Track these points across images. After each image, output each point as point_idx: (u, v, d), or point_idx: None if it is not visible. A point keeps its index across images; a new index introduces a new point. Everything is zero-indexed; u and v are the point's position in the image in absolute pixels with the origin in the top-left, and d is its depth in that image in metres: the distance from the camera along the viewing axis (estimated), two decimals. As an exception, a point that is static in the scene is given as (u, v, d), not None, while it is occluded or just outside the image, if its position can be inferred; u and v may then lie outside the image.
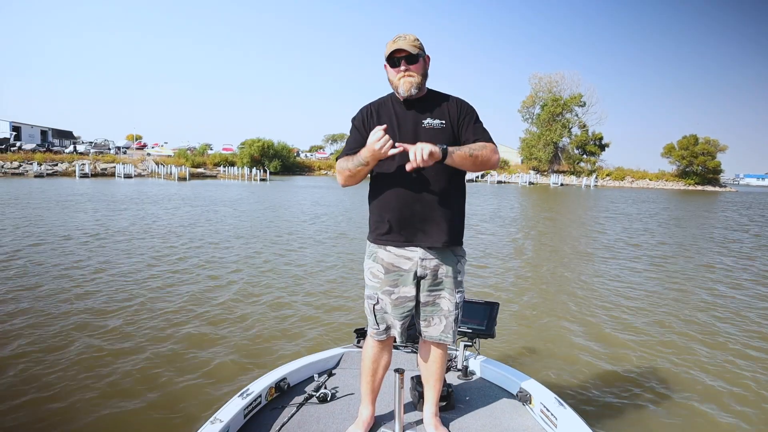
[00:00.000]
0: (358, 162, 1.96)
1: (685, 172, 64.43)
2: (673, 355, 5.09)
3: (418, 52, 1.98)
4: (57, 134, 59.52)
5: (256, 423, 2.20)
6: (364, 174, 2.02)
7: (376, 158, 1.92)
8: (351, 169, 1.99)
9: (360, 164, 1.96)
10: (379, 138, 1.86)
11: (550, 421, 2.21)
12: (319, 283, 7.52)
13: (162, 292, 6.61)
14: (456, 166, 1.97)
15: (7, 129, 48.17)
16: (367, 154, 1.91)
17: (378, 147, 1.86)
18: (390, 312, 2.11)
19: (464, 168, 2.01)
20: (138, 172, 44.25)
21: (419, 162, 1.79)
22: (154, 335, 5.03)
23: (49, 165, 40.30)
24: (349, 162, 2.00)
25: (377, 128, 1.88)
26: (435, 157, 1.83)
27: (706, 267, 9.96)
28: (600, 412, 3.85)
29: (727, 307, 6.94)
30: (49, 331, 5.04)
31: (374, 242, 2.12)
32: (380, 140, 1.85)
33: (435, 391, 2.22)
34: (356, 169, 1.98)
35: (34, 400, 3.68)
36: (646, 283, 8.33)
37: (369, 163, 1.95)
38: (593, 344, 5.33)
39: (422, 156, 1.78)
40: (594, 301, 7.06)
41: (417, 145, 1.81)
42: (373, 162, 1.95)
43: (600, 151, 66.63)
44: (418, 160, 1.79)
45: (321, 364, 2.76)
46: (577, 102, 65.19)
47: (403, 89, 2.00)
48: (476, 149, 1.96)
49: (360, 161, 1.95)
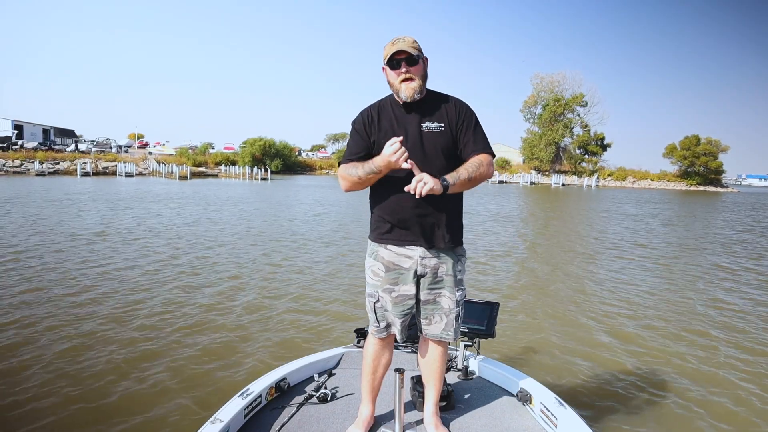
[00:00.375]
0: (370, 170, 1.98)
1: (687, 172, 64.35)
2: (673, 356, 5.09)
3: (418, 53, 2.00)
4: (59, 133, 59.60)
5: (256, 423, 2.20)
6: (374, 181, 2.04)
7: (389, 168, 1.95)
8: (361, 176, 2.00)
9: (372, 172, 1.98)
10: (396, 150, 1.89)
11: (550, 421, 2.21)
12: (320, 282, 7.53)
13: (160, 292, 6.62)
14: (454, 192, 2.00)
15: (9, 127, 48.22)
16: (381, 163, 1.94)
17: (395, 159, 1.89)
18: (390, 310, 2.13)
19: (463, 190, 2.05)
20: (140, 171, 44.27)
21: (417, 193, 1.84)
22: (153, 335, 5.04)
23: (50, 164, 40.34)
24: (359, 169, 2.01)
25: (394, 139, 1.91)
26: (435, 192, 1.87)
27: (706, 268, 9.95)
28: (600, 412, 3.85)
29: (726, 309, 6.94)
30: (42, 328, 5.05)
31: (375, 241, 2.14)
32: (396, 153, 1.89)
33: (435, 391, 2.22)
34: (367, 177, 2.00)
35: (31, 398, 3.68)
36: (646, 283, 8.33)
37: (382, 172, 1.97)
38: (593, 344, 5.33)
39: (421, 191, 1.84)
40: (594, 301, 7.06)
41: (422, 175, 1.86)
42: (386, 171, 1.97)
43: (602, 151, 66.55)
44: (418, 191, 1.84)
45: (321, 364, 2.76)
46: (578, 102, 65.10)
47: (405, 95, 2.01)
48: (473, 171, 1.99)
49: (372, 169, 1.97)
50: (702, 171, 63.41)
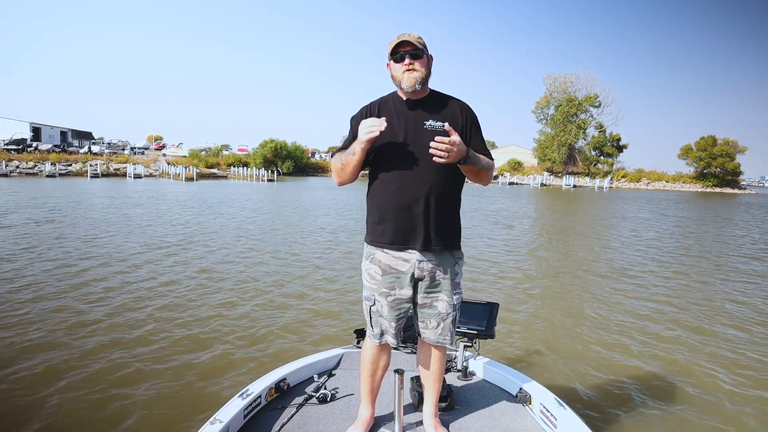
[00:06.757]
0: (347, 154, 2.00)
1: (703, 174, 63.37)
2: (673, 357, 5.06)
3: (422, 48, 1.99)
4: (76, 135, 60.32)
5: (255, 423, 2.21)
6: (353, 166, 2.01)
7: (361, 143, 1.93)
8: (343, 161, 2.02)
9: (348, 154, 1.99)
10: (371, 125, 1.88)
11: (549, 421, 2.20)
12: (319, 283, 7.54)
13: (158, 292, 6.67)
14: (463, 169, 1.99)
15: (27, 130, 48.98)
16: (356, 146, 1.94)
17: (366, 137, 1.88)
18: (386, 314, 2.10)
19: (466, 173, 2.03)
20: (149, 172, 44.68)
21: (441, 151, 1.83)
22: (152, 335, 5.07)
23: (63, 165, 40.83)
24: (342, 155, 2.04)
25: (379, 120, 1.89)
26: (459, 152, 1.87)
27: (706, 268, 9.82)
28: (600, 412, 3.83)
29: (727, 310, 6.86)
30: (42, 329, 5.13)
31: (371, 244, 2.12)
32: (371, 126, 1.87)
33: (434, 392, 2.21)
34: (346, 160, 2.01)
35: (33, 398, 3.74)
36: (647, 284, 8.25)
37: (356, 153, 1.96)
38: (593, 345, 5.30)
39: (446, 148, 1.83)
40: (594, 302, 7.01)
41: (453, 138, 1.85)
42: (361, 152, 1.95)
43: (618, 152, 65.70)
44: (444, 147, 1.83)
45: (321, 365, 2.76)
46: (592, 102, 64.43)
47: (407, 84, 1.99)
48: (486, 167, 2.03)
49: (348, 151, 1.99)
50: (718, 172, 62.44)
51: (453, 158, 1.87)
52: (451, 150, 1.84)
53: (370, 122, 1.89)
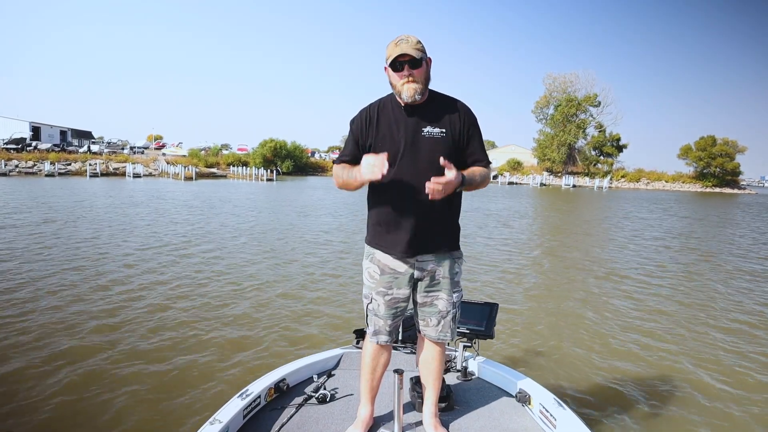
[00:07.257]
0: (349, 176, 1.99)
1: (703, 173, 63.38)
2: (673, 357, 5.06)
3: (421, 56, 1.94)
4: (76, 134, 60.18)
5: (255, 424, 2.21)
6: (354, 187, 2.02)
7: (363, 180, 1.90)
8: (345, 179, 2.02)
9: (351, 178, 1.98)
10: (373, 165, 1.83)
11: (549, 421, 2.20)
12: (319, 283, 7.54)
13: (157, 292, 6.67)
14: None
15: (26, 129, 48.90)
16: (358, 177, 1.92)
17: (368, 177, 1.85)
18: (381, 313, 2.12)
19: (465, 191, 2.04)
20: (149, 171, 44.64)
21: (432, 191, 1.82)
22: (152, 335, 5.07)
23: (62, 164, 40.74)
24: (344, 173, 2.03)
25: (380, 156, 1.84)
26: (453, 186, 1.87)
27: (707, 268, 9.82)
28: (599, 412, 3.84)
29: (726, 310, 6.86)
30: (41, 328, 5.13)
31: (370, 245, 2.14)
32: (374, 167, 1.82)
33: (434, 391, 2.21)
34: (348, 180, 2.01)
35: (33, 398, 3.75)
36: (647, 284, 8.25)
37: (356, 180, 1.94)
38: (593, 345, 5.31)
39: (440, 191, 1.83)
40: (594, 302, 7.02)
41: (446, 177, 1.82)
42: (361, 183, 1.95)
43: (617, 152, 65.69)
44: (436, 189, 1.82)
45: (320, 365, 2.76)
46: (591, 102, 64.41)
47: (406, 95, 1.96)
48: (480, 180, 2.02)
49: (351, 176, 1.98)
50: (718, 172, 62.43)
51: (449, 191, 1.87)
52: (447, 187, 1.84)
53: (373, 160, 1.84)
